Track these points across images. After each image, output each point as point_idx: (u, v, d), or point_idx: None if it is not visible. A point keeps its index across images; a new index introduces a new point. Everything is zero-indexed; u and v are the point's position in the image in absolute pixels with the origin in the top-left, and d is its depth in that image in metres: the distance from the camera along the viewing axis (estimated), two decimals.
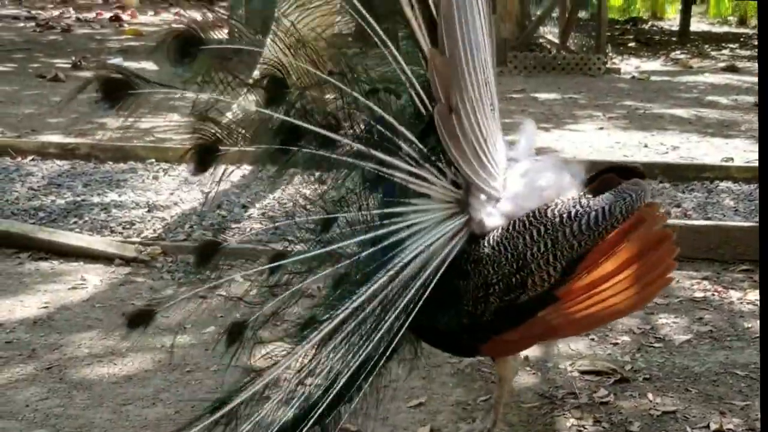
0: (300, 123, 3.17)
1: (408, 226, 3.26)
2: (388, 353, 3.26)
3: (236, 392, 3.27)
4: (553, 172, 3.38)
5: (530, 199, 3.29)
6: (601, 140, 9.34)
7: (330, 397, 3.22)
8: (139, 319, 3.40)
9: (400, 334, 3.24)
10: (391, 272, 3.22)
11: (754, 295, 5.28)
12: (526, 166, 3.40)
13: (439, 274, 3.24)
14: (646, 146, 9.12)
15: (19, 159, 7.88)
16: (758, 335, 4.76)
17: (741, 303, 5.20)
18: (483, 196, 3.27)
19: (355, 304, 3.23)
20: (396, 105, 3.29)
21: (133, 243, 5.89)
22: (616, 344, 4.65)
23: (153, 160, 7.88)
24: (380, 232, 3.25)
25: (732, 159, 8.42)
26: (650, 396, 4.12)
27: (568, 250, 3.18)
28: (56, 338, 4.67)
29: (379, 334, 3.21)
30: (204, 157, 3.21)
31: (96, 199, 6.85)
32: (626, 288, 3.18)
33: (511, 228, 3.24)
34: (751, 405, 4.05)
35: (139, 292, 5.25)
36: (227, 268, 5.47)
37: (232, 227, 6.29)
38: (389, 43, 3.18)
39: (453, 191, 3.27)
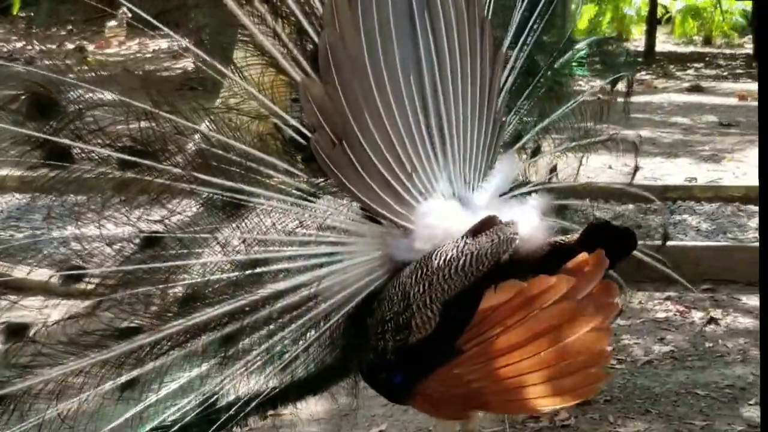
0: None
1: (306, 256, 3.18)
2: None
3: None
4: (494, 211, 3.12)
5: (437, 237, 3.11)
6: (565, 162, 9.34)
7: None
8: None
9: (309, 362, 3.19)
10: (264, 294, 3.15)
11: (716, 315, 5.29)
12: (474, 202, 3.24)
13: (351, 306, 3.17)
14: (610, 167, 9.12)
15: None
16: (719, 355, 4.79)
17: (703, 323, 5.20)
18: (398, 231, 3.15)
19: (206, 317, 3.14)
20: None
21: (94, 276, 5.82)
22: None
23: (112, 191, 7.80)
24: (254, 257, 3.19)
25: (695, 179, 8.46)
26: (611, 418, 4.12)
27: (440, 293, 2.94)
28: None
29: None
30: None
31: (55, 233, 6.77)
32: (541, 365, 2.73)
33: (406, 268, 3.10)
34: (711, 425, 4.06)
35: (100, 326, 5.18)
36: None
37: None
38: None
39: (368, 224, 3.19)
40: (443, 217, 3.15)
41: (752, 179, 8.29)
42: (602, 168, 8.88)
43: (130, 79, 3.39)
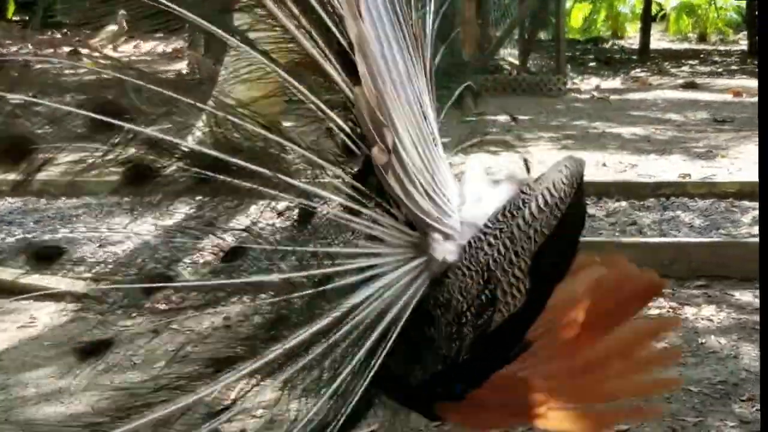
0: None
1: (359, 270, 3.02)
2: (347, 412, 2.97)
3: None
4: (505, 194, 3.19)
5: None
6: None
7: None
8: (94, 350, 3.24)
9: (360, 390, 2.96)
10: (337, 314, 2.97)
11: (709, 311, 5.28)
12: (479, 195, 3.22)
13: (402, 322, 3.00)
14: (604, 165, 9.14)
15: None
16: (712, 351, 4.76)
17: (696, 319, 5.19)
18: (439, 236, 3.05)
19: (289, 346, 2.95)
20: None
21: (84, 279, 5.81)
22: None
23: (106, 194, 7.78)
24: (325, 270, 3.01)
25: (689, 175, 8.45)
26: None
27: (526, 242, 2.94)
28: (2, 379, 4.59)
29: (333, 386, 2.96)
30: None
31: (47, 236, 6.77)
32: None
33: (468, 249, 3.02)
34: (703, 421, 4.03)
35: (89, 329, 5.16)
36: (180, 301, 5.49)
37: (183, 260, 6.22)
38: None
39: (408, 234, 3.06)
40: (476, 205, 3.16)
41: (746, 175, 8.30)
42: (596, 165, 8.93)
43: None
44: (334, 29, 3.02)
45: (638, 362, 3.04)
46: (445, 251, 3.05)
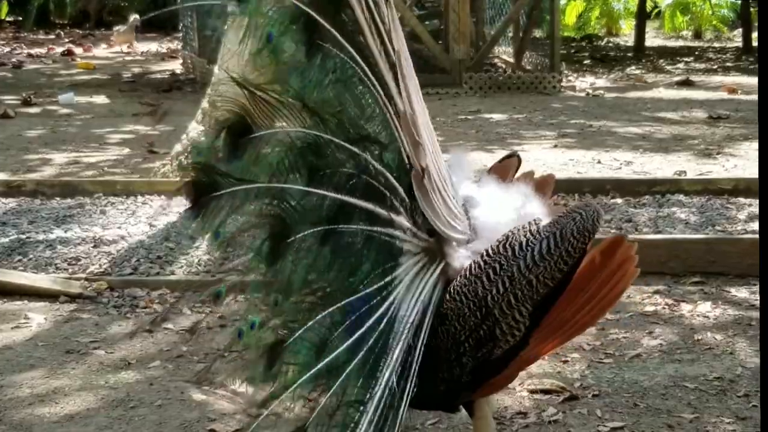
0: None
1: (399, 287, 2.99)
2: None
3: None
4: (506, 197, 3.23)
5: (496, 233, 3.07)
6: (555, 158, 9.34)
7: None
8: None
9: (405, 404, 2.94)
10: (400, 339, 2.94)
11: (705, 308, 5.26)
12: (481, 198, 3.24)
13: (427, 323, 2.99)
14: (599, 162, 9.13)
15: None
16: (708, 347, 4.75)
17: (692, 316, 5.18)
18: (455, 242, 3.06)
19: (384, 378, 2.90)
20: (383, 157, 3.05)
21: (79, 279, 5.80)
22: (566, 362, 4.61)
23: (101, 194, 7.78)
24: (385, 301, 2.96)
25: (685, 172, 8.45)
26: (599, 413, 4.08)
27: (527, 288, 2.89)
28: None
29: (401, 406, 2.92)
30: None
31: (41, 236, 6.74)
32: (594, 308, 2.95)
33: (467, 274, 2.98)
34: (700, 417, 4.02)
35: (84, 329, 5.16)
36: (174, 300, 5.49)
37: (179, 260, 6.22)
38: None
39: (424, 239, 3.04)
40: (487, 214, 3.16)
41: (741, 172, 8.30)
42: (591, 163, 8.94)
43: None
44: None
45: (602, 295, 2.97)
46: (462, 256, 3.06)
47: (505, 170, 3.45)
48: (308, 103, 2.94)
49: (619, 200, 7.50)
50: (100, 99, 13.62)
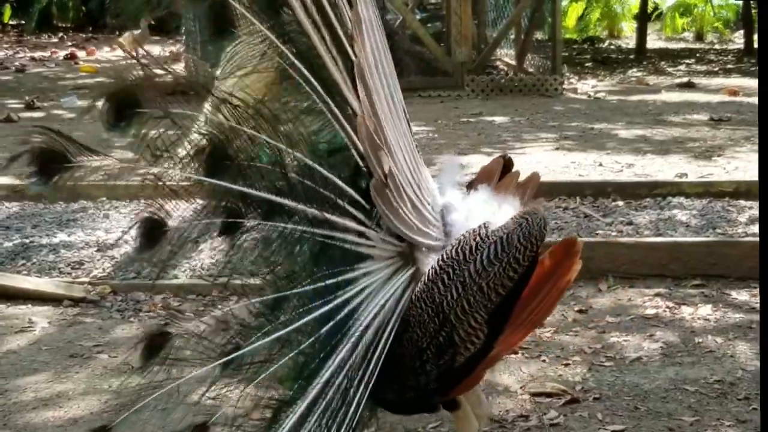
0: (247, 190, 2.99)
1: (359, 291, 3.00)
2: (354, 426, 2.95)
3: None
4: (485, 202, 3.21)
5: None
6: (557, 161, 9.35)
7: None
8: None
9: (361, 407, 2.95)
10: (353, 340, 2.95)
11: (706, 311, 5.28)
12: (459, 204, 3.22)
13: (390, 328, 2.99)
14: (600, 165, 9.14)
15: None
16: (709, 350, 4.77)
17: (692, 319, 5.19)
18: (425, 248, 3.06)
19: (323, 380, 2.93)
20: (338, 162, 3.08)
21: (82, 283, 5.83)
22: (567, 365, 4.63)
23: (104, 198, 7.80)
24: (335, 303, 2.98)
25: (686, 175, 8.45)
26: (600, 416, 4.10)
27: (479, 295, 2.89)
28: (1, 383, 4.59)
29: (351, 408, 2.92)
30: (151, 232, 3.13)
31: (44, 240, 6.77)
32: (546, 307, 3.01)
33: (427, 278, 2.97)
34: (700, 420, 4.04)
35: (87, 333, 5.18)
36: (178, 303, 5.52)
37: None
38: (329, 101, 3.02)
39: (394, 244, 3.05)
40: (464, 220, 3.14)
41: (742, 175, 8.30)
42: (593, 165, 8.94)
43: None
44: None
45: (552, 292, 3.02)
46: (432, 262, 3.03)
47: (491, 173, 3.43)
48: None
49: (620, 203, 7.51)
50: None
